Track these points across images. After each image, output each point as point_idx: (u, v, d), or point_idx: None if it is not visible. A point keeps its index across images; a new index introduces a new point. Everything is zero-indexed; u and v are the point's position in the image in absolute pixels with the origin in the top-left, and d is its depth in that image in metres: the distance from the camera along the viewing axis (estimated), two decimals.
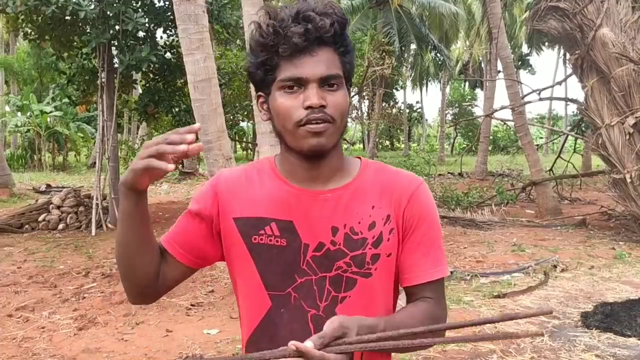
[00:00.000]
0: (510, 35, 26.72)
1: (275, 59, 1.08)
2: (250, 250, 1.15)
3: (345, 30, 1.11)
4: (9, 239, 8.96)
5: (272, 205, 1.16)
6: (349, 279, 1.14)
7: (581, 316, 4.75)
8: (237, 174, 1.23)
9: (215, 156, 5.23)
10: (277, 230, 1.14)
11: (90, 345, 4.33)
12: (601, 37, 8.35)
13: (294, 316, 1.14)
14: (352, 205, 1.15)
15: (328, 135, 1.09)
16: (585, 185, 14.10)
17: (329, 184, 1.17)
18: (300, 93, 1.08)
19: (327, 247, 1.13)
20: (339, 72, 1.10)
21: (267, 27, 1.07)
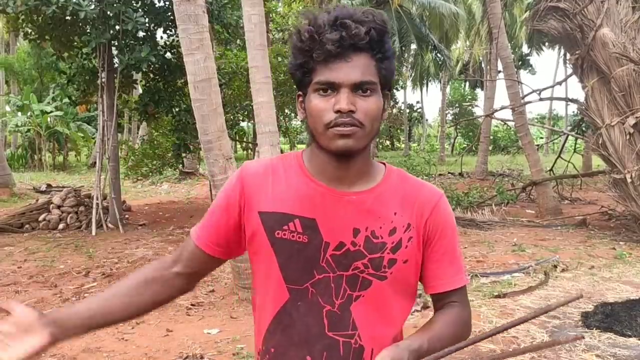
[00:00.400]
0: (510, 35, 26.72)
1: (311, 62, 1.12)
2: (273, 244, 1.19)
3: (385, 37, 1.13)
4: (9, 239, 8.96)
5: (298, 202, 1.19)
6: (364, 280, 1.18)
7: (581, 316, 4.75)
8: (264, 167, 1.25)
9: (216, 156, 5.22)
10: (300, 227, 1.17)
11: (90, 345, 4.33)
12: (601, 37, 8.35)
13: (309, 310, 1.18)
14: (374, 210, 1.19)
15: (356, 139, 1.12)
16: (585, 185, 14.10)
17: (355, 186, 1.20)
18: (333, 97, 1.11)
19: (347, 247, 1.17)
20: (373, 79, 1.12)
21: (305, 32, 1.11)
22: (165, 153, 12.17)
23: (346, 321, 1.19)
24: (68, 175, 23.48)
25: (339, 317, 1.18)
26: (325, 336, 1.18)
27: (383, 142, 44.49)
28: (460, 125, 37.14)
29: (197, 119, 5.35)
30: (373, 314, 1.20)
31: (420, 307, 5.01)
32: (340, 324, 1.18)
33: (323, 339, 1.18)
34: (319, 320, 1.18)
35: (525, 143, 11.39)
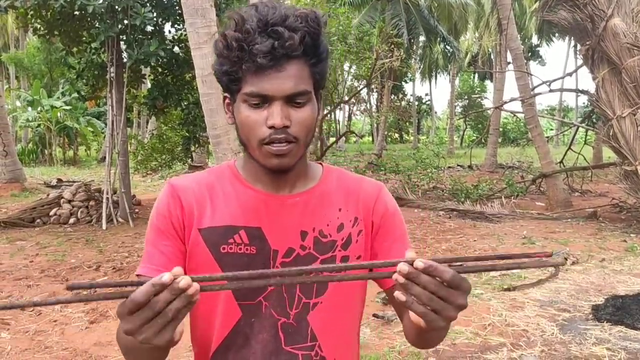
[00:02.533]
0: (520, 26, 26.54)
1: (239, 72, 1.02)
2: (219, 260, 1.09)
3: (319, 39, 1.04)
4: (21, 233, 9.04)
5: (240, 212, 1.11)
6: (319, 284, 1.12)
7: (592, 309, 4.73)
8: (195, 182, 1.16)
9: (224, 150, 5.23)
10: (247, 238, 1.10)
11: (101, 339, 4.37)
12: (612, 27, 8.26)
13: (264, 326, 1.10)
14: (319, 209, 1.14)
15: (291, 156, 1.05)
16: (596, 177, 14.01)
17: (295, 188, 1.15)
18: (265, 109, 1.03)
19: (296, 252, 1.11)
20: (307, 87, 1.04)
21: (232, 40, 1.00)
22: (174, 147, 12.21)
23: (304, 332, 1.11)
24: (78, 169, 23.63)
25: (295, 329, 1.11)
26: (283, 351, 1.10)
27: (392, 135, 44.40)
28: (469, 118, 37.02)
29: (205, 113, 5.36)
30: (333, 321, 1.13)
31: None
32: (298, 336, 1.11)
33: (280, 354, 1.10)
34: (275, 334, 1.10)
35: (535, 135, 11.32)
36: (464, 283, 0.84)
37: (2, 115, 14.70)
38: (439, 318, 0.84)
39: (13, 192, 13.97)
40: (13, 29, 30.22)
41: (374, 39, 14.85)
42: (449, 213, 10.34)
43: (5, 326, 4.66)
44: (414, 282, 0.82)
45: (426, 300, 0.82)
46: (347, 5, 21.37)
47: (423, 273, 0.82)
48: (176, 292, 0.78)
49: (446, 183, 13.83)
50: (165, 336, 0.80)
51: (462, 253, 7.12)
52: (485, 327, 4.39)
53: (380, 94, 32.24)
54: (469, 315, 4.65)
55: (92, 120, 27.08)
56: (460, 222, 9.58)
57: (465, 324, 4.47)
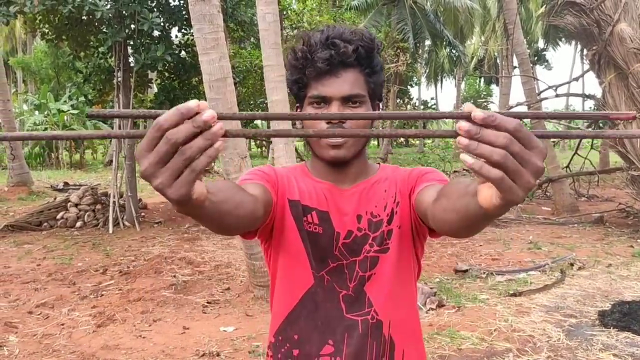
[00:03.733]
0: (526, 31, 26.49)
1: (305, 78, 1.25)
2: (300, 231, 1.28)
3: (373, 53, 1.25)
4: (28, 237, 9.09)
5: (313, 197, 1.30)
6: (372, 258, 1.27)
7: (598, 315, 4.71)
8: (283, 169, 1.37)
9: (231, 155, 5.25)
10: (317, 219, 1.29)
11: (108, 342, 4.39)
12: (619, 32, 8.25)
13: (327, 296, 1.28)
14: (370, 195, 1.31)
15: (346, 148, 1.24)
16: (602, 182, 13.96)
17: (354, 182, 1.33)
18: (325, 109, 1.23)
19: (354, 234, 1.28)
20: (361, 92, 1.24)
21: (299, 52, 1.25)
22: None
23: (362, 301, 1.28)
24: (85, 173, 23.72)
25: (354, 299, 1.28)
26: (345, 319, 1.27)
27: (397, 139, 44.31)
28: None
29: None
30: (386, 288, 1.28)
31: (435, 306, 5.00)
32: (357, 305, 1.28)
33: (343, 321, 1.27)
34: (337, 305, 1.28)
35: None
36: (533, 138, 0.67)
37: (9, 119, 14.79)
38: (515, 186, 0.67)
39: (20, 196, 14.04)
40: (21, 34, 30.42)
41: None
42: None
43: (13, 329, 4.69)
44: (479, 141, 0.66)
45: (499, 158, 0.65)
46: (353, 10, 21.40)
47: (485, 127, 0.66)
48: (199, 125, 0.67)
49: None
50: (183, 188, 0.68)
51: (468, 258, 7.11)
52: (491, 333, 4.38)
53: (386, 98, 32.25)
54: (474, 320, 4.64)
55: (98, 124, 27.15)
56: None
57: (471, 329, 4.46)
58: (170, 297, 5.56)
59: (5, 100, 14.62)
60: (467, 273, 6.21)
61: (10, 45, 33.94)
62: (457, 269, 6.37)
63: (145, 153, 0.67)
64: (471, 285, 5.83)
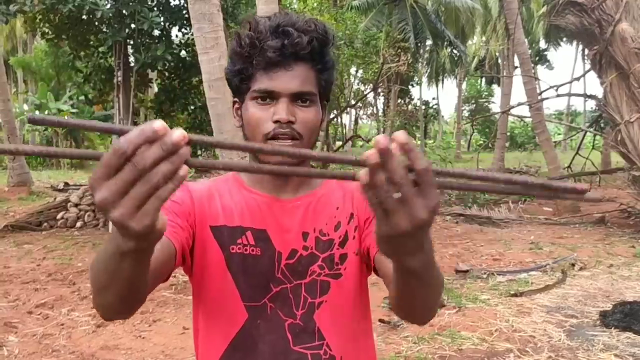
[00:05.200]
0: (527, 31, 26.48)
1: (250, 69, 1.08)
2: (228, 260, 1.11)
3: (326, 47, 1.11)
4: (28, 237, 9.08)
5: (246, 214, 1.13)
6: (322, 283, 1.13)
7: (600, 315, 4.69)
8: (205, 187, 1.18)
9: (230, 154, 5.24)
10: (253, 240, 1.12)
11: (108, 343, 4.37)
12: (620, 32, 8.23)
13: (271, 327, 1.12)
14: (319, 210, 1.16)
15: None
16: (604, 183, 13.91)
17: (298, 192, 1.17)
18: (272, 106, 1.08)
19: (299, 254, 1.13)
20: (313, 90, 1.10)
21: (245, 38, 1.08)
22: None
23: (311, 332, 1.13)
24: (85, 173, 23.71)
25: (302, 329, 1.12)
26: (292, 352, 1.11)
27: None
28: (476, 122, 36.92)
29: (212, 117, 5.37)
30: (338, 319, 1.14)
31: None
32: (305, 336, 1.12)
33: (289, 355, 1.11)
34: (282, 335, 1.12)
35: (543, 140, 11.28)
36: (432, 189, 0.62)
37: (9, 119, 14.79)
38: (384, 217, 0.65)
39: (20, 196, 14.04)
40: (21, 33, 30.43)
41: (381, 43, 14.86)
42: (456, 218, 10.31)
43: (13, 329, 4.68)
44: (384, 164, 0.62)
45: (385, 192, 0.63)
46: (354, 9, 21.39)
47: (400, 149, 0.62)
48: (169, 149, 0.56)
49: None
50: (146, 218, 0.59)
51: (469, 258, 7.09)
52: (492, 333, 4.36)
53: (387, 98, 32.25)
54: (475, 321, 4.62)
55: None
56: (467, 227, 9.55)
57: (472, 329, 4.44)
58: (170, 297, 5.55)
59: (5, 99, 14.61)
60: (468, 273, 6.19)
61: (10, 45, 33.98)
62: (458, 269, 6.35)
63: (102, 181, 0.59)
64: (472, 285, 5.81)
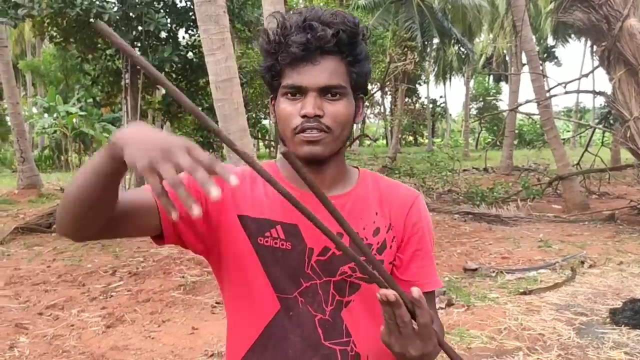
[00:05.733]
0: (535, 27, 26.35)
1: (278, 65, 1.09)
2: (257, 251, 1.13)
3: (356, 39, 1.10)
4: (38, 239, 9.14)
5: (278, 208, 1.14)
6: (352, 284, 1.15)
7: (610, 313, 4.66)
8: (240, 171, 1.19)
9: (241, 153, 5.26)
10: (283, 234, 1.13)
11: (118, 343, 4.40)
12: (628, 28, 8.18)
13: (302, 320, 1.14)
14: (355, 212, 1.16)
15: (323, 145, 1.08)
16: (614, 179, 13.85)
17: (332, 191, 1.16)
18: (300, 101, 1.08)
19: (332, 252, 1.13)
20: (342, 83, 1.09)
21: (272, 34, 1.09)
22: None
23: (339, 328, 1.15)
24: None
25: (331, 325, 1.14)
26: (323, 347, 1.13)
27: (406, 138, 44.28)
28: (484, 120, 36.77)
29: (219, 118, 5.39)
30: (364, 319, 1.16)
31: (444, 305, 4.98)
32: (334, 332, 1.14)
33: (320, 349, 1.13)
34: (313, 330, 1.14)
35: (551, 137, 11.22)
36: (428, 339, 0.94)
37: (19, 123, 14.89)
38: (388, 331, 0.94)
39: (30, 198, 14.13)
40: (30, 37, 30.65)
41: (388, 42, 14.84)
42: (464, 216, 10.27)
43: (24, 330, 4.72)
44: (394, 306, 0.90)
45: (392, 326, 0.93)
46: (360, 8, 21.37)
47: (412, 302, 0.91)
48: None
49: (461, 186, 13.75)
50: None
51: (477, 256, 7.07)
52: (500, 331, 4.35)
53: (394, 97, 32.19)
54: (484, 319, 4.61)
55: (107, 126, 27.29)
56: (476, 225, 9.52)
57: (481, 328, 4.43)
58: (179, 298, 5.57)
59: (14, 103, 14.72)
60: (476, 272, 6.17)
61: (19, 49, 34.23)
62: (467, 267, 6.33)
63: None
64: (481, 284, 5.79)
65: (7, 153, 29.17)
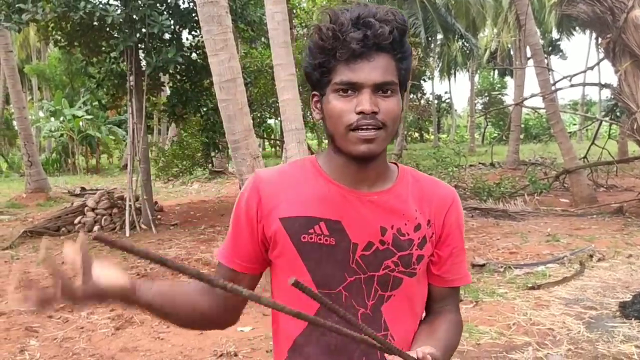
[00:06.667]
0: (539, 21, 26.24)
1: (332, 61, 1.09)
2: (299, 249, 1.15)
3: (405, 37, 1.12)
4: (46, 242, 9.18)
5: (321, 205, 1.16)
6: (395, 278, 1.17)
7: (619, 306, 4.64)
8: (278, 173, 1.23)
9: (243, 155, 5.26)
10: (327, 230, 1.15)
11: (127, 345, 4.42)
12: (634, 19, 8.13)
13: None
14: (397, 208, 1.18)
15: (378, 142, 1.10)
16: (621, 172, 13.77)
17: (374, 187, 1.19)
18: (354, 97, 1.09)
19: (376, 247, 1.15)
20: (394, 79, 1.11)
21: (327, 30, 1.08)
22: (195, 153, 12.30)
23: (378, 322, 1.17)
24: (101, 177, 23.94)
25: (371, 319, 1.16)
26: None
27: (412, 134, 44.17)
28: (490, 115, 36.63)
29: (223, 119, 5.39)
30: (403, 312, 1.19)
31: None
32: (374, 326, 1.15)
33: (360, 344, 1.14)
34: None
35: (557, 131, 11.17)
36: None
37: (26, 127, 14.97)
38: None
39: (38, 202, 14.21)
40: (35, 42, 30.78)
41: None
42: (472, 212, 10.24)
43: (34, 333, 4.74)
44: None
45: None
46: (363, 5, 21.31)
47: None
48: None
49: (468, 182, 13.71)
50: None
51: (485, 252, 7.05)
52: (509, 327, 4.34)
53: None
54: (493, 315, 4.60)
55: (113, 128, 27.42)
56: (483, 220, 9.49)
57: (490, 323, 4.42)
58: None
59: (21, 107, 14.80)
60: (484, 267, 6.16)
61: (25, 53, 34.36)
62: (475, 263, 6.32)
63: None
64: (489, 279, 5.78)
65: (15, 157, 29.30)
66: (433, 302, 1.27)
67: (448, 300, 1.28)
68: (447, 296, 1.27)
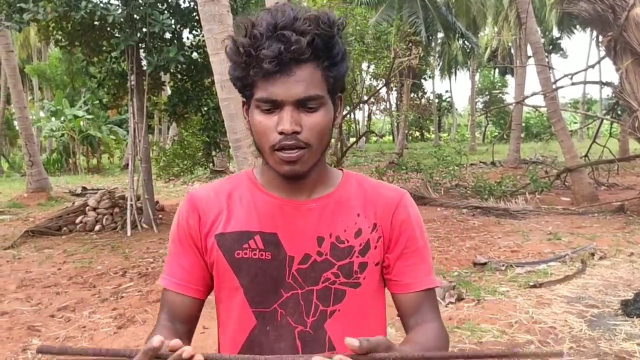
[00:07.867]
0: (540, 19, 26.20)
1: (249, 77, 1.02)
2: (233, 265, 1.10)
3: (333, 40, 1.01)
4: (48, 242, 9.19)
5: (256, 218, 1.11)
6: (337, 291, 1.10)
7: (621, 304, 4.64)
8: (213, 190, 1.17)
9: (245, 154, 5.26)
10: (262, 244, 1.09)
11: (129, 344, 4.41)
12: (635, 17, 8.12)
13: (280, 334, 1.09)
14: (337, 214, 1.12)
15: (302, 162, 1.04)
16: (622, 170, 13.77)
17: (313, 194, 1.13)
18: (276, 114, 1.02)
19: (313, 259, 1.09)
20: (319, 92, 1.02)
21: (240, 46, 1.00)
22: (196, 152, 12.32)
23: (321, 341, 1.09)
24: (102, 177, 23.97)
25: (312, 338, 1.09)
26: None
27: (413, 134, 44.18)
28: (490, 113, 36.61)
29: (225, 118, 5.39)
30: (352, 329, 1.07)
31: (454, 299, 4.97)
32: (315, 345, 1.08)
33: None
34: (292, 343, 1.09)
35: (558, 129, 11.17)
36: None
37: (27, 126, 14.98)
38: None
39: (40, 202, 14.22)
40: (35, 42, 30.80)
41: (392, 38, 14.80)
42: (473, 211, 10.25)
43: (36, 333, 4.75)
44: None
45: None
46: (364, 5, 21.32)
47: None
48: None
49: (469, 180, 13.72)
50: None
51: (486, 250, 7.05)
52: (511, 325, 4.34)
53: (400, 92, 32.14)
54: (494, 313, 4.60)
55: (114, 128, 27.46)
56: (484, 219, 9.49)
57: (492, 322, 4.42)
58: None
59: (22, 107, 14.82)
60: (486, 266, 6.16)
61: (25, 53, 34.38)
62: (476, 261, 6.32)
63: None
64: (490, 278, 5.77)
65: (16, 157, 29.36)
66: (406, 317, 1.16)
67: (421, 310, 1.14)
68: (417, 306, 1.14)
